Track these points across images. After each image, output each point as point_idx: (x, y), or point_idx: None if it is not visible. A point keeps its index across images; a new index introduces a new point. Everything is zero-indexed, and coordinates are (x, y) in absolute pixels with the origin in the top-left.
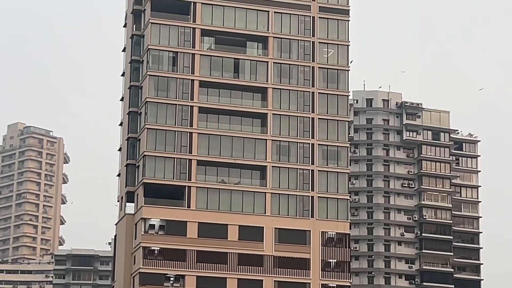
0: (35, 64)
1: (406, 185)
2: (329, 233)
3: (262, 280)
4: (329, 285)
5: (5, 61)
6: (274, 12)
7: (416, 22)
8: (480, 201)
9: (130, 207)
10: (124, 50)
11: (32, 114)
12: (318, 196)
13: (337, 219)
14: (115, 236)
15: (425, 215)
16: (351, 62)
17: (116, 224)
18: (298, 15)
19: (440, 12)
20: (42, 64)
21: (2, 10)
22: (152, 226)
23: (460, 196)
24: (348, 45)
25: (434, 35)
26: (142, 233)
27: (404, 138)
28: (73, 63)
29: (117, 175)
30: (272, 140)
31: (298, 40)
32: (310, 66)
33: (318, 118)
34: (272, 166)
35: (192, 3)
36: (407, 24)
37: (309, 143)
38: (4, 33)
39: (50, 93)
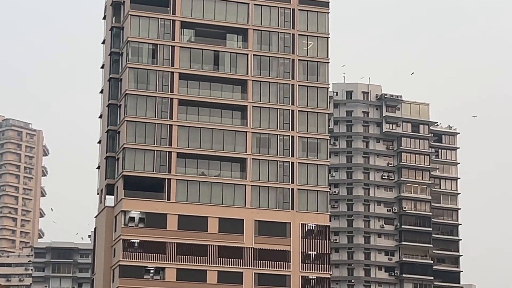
0: (12, 56)
1: (385, 177)
2: (309, 225)
3: (242, 272)
4: (309, 277)
5: None
6: (254, 4)
7: (396, 12)
8: (459, 193)
9: (110, 200)
10: (103, 43)
11: (11, 107)
12: (298, 189)
13: (317, 211)
14: (95, 228)
15: (405, 207)
16: (342, 66)
17: (96, 217)
18: (278, 7)
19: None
20: (20, 56)
21: None
22: (132, 219)
23: (440, 188)
24: (328, 38)
25: (413, 25)
26: (122, 225)
27: (383, 130)
28: (52, 55)
29: (97, 168)
30: (252, 132)
31: (278, 32)
32: (290, 59)
33: (298, 111)
34: (252, 159)
35: None
36: (387, 15)
37: (289, 135)
38: None
39: (29, 86)
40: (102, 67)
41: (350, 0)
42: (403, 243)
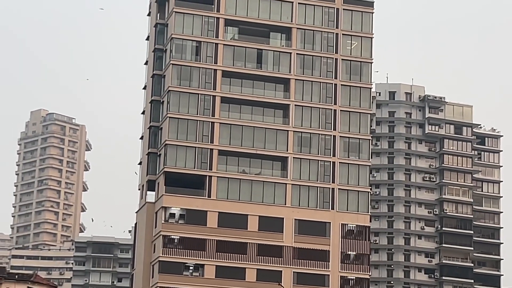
0: (59, 51)
1: (427, 179)
2: (349, 225)
3: (281, 271)
4: (348, 277)
5: (30, 48)
6: (298, 3)
7: (441, 17)
8: (502, 196)
9: (150, 196)
10: (147, 39)
11: (54, 102)
12: (338, 188)
13: (357, 211)
14: (135, 224)
15: (446, 209)
16: (376, 71)
17: (136, 212)
18: (322, 6)
19: (463, 7)
20: (66, 51)
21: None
22: (172, 215)
23: (482, 190)
24: (371, 38)
25: (458, 30)
26: (162, 221)
27: (426, 132)
28: (97, 50)
29: (139, 164)
30: (294, 131)
31: (322, 31)
32: (333, 58)
33: (340, 110)
34: (293, 157)
35: None
36: (431, 19)
37: (331, 135)
38: (31, 16)
39: (73, 81)
40: (146, 63)
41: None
42: (443, 245)
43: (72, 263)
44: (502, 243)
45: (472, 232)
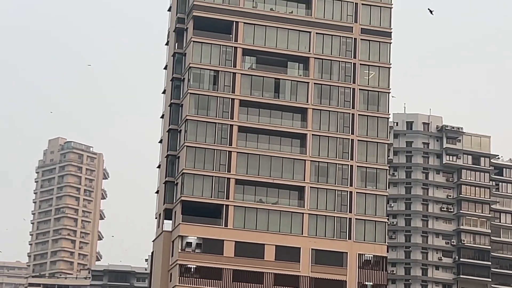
0: (76, 81)
1: (445, 209)
2: (366, 255)
3: None
4: None
5: (48, 77)
6: (316, 33)
7: (459, 47)
8: None
9: (167, 224)
10: (165, 68)
11: (72, 130)
12: (355, 218)
13: (375, 241)
14: (152, 252)
15: (464, 240)
16: (393, 97)
17: (153, 241)
18: (340, 36)
19: (481, 38)
20: (83, 81)
21: (51, 29)
22: (189, 244)
23: (500, 221)
24: (389, 68)
25: (475, 60)
26: (179, 250)
27: (444, 162)
28: (114, 80)
29: (156, 192)
30: (311, 160)
31: (339, 61)
32: (350, 88)
33: (358, 140)
34: (310, 187)
35: (234, 22)
36: (449, 49)
37: (348, 165)
38: (48, 47)
39: (91, 109)
40: (164, 92)
41: (413, 30)
42: (461, 276)
43: None
44: None
45: (490, 263)
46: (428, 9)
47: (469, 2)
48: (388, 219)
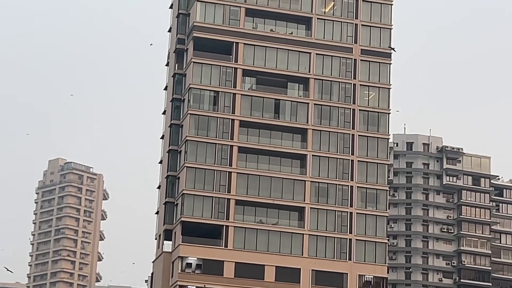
0: (76, 100)
1: (445, 230)
2: (367, 276)
3: None
4: None
5: (48, 98)
6: (316, 53)
7: (458, 69)
8: None
9: (167, 245)
10: (165, 89)
11: (72, 151)
12: (356, 239)
13: (375, 262)
14: (152, 273)
15: (464, 261)
16: (397, 111)
17: (153, 262)
18: (340, 57)
19: (481, 60)
20: (83, 101)
21: (48, 52)
22: (189, 265)
23: (500, 242)
24: (389, 88)
25: (475, 81)
26: (179, 271)
27: (444, 183)
28: (114, 100)
29: (156, 213)
30: (311, 181)
31: (339, 82)
32: (350, 108)
33: (358, 161)
34: (311, 208)
35: (234, 43)
36: (449, 70)
37: (348, 185)
38: (46, 69)
39: (91, 130)
40: (164, 113)
41: (412, 50)
42: None
43: None
44: None
45: (490, 284)
46: (390, 47)
47: (470, 21)
48: (388, 240)
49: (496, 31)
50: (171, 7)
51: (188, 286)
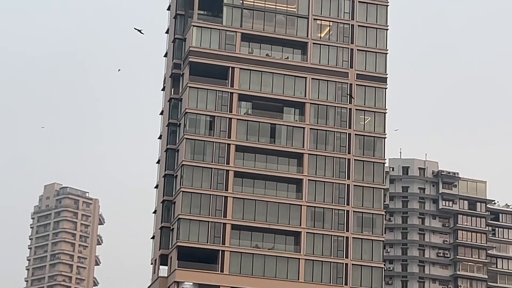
0: (72, 126)
1: (441, 255)
2: None
3: None
4: None
5: (43, 123)
6: (312, 78)
7: (453, 92)
8: None
9: (163, 270)
10: (161, 113)
11: (68, 176)
12: (352, 264)
13: (371, 287)
14: None
15: (461, 286)
16: (396, 130)
17: (149, 287)
18: (336, 81)
19: (476, 83)
20: (79, 126)
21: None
22: None
23: (496, 267)
24: (385, 113)
25: (470, 104)
26: None
27: (440, 207)
28: (110, 125)
29: (151, 238)
30: (307, 206)
31: (335, 106)
32: (346, 133)
33: (354, 185)
34: (307, 232)
35: (230, 68)
36: (444, 94)
37: (344, 210)
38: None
39: (87, 155)
40: (160, 137)
41: (408, 75)
42: None
43: None
44: None
45: None
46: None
47: (466, 43)
48: (384, 265)
49: (491, 55)
50: (167, 32)
51: None
